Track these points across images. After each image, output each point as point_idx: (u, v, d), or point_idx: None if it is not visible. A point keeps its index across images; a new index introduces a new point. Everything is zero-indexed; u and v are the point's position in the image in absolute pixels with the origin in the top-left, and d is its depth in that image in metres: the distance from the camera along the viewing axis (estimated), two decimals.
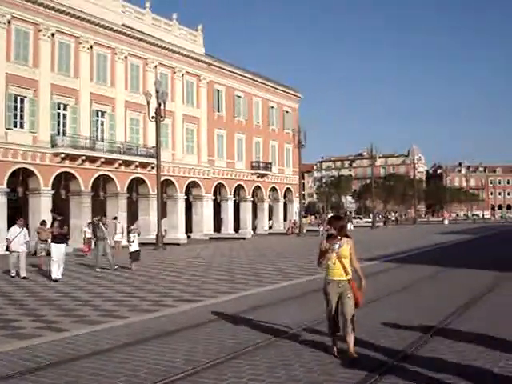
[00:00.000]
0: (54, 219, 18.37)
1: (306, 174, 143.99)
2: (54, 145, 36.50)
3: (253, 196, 58.44)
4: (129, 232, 21.44)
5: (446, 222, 76.74)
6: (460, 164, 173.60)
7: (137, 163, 42.11)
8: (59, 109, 37.72)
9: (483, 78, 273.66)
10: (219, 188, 53.40)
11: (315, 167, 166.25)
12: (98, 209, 38.19)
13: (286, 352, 7.78)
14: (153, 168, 40.07)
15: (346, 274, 7.19)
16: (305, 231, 48.83)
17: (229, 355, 7.61)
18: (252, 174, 57.28)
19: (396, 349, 7.78)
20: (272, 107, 61.86)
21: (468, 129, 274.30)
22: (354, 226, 60.33)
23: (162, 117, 31.96)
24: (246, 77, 56.93)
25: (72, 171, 37.68)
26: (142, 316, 10.95)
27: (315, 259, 7.80)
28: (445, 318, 9.93)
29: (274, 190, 61.64)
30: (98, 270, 20.10)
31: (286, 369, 6.89)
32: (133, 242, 20.37)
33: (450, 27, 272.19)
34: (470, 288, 13.85)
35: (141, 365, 7.23)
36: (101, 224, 21.23)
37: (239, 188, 56.16)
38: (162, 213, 36.34)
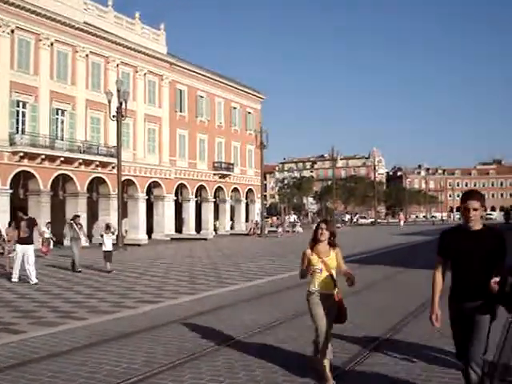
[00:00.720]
0: (20, 219, 17.46)
1: (267, 175, 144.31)
2: (12, 143, 35.85)
3: (214, 196, 58.37)
4: (107, 228, 20.74)
5: (402, 223, 77.93)
6: (419, 166, 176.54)
7: (97, 162, 41.64)
8: (18, 106, 37.08)
9: (442, 82, 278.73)
10: (181, 188, 53.18)
11: (277, 168, 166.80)
12: (58, 209, 37.69)
13: (246, 353, 7.82)
14: (113, 168, 39.69)
15: (335, 286, 6.41)
16: (266, 232, 49.01)
17: (188, 356, 7.63)
18: (214, 174, 57.22)
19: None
20: (234, 108, 61.87)
21: (428, 132, 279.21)
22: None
23: (123, 116, 31.66)
24: (208, 77, 56.83)
25: (31, 170, 37.07)
26: (102, 317, 10.86)
27: (272, 259, 7.77)
28: (402, 319, 10.10)
29: (235, 190, 61.68)
30: (79, 269, 19.47)
31: (246, 369, 6.94)
32: (102, 237, 19.78)
33: (410, 29, 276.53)
34: (427, 289, 14.06)
35: (99, 367, 7.19)
36: (74, 224, 20.53)
37: (201, 188, 56.02)
38: (123, 213, 36.00)
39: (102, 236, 20.19)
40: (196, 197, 55.21)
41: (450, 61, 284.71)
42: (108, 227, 20.69)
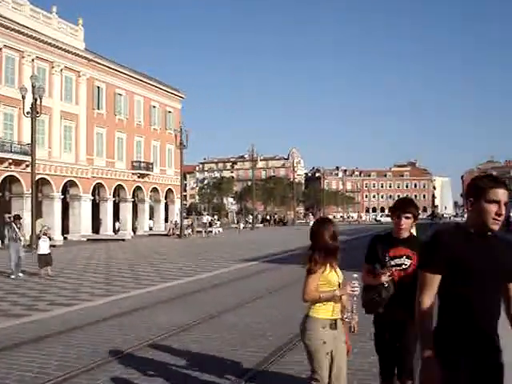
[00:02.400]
0: None
1: (188, 175, 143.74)
2: None
3: (133, 196, 57.50)
4: (44, 234, 19.44)
5: (312, 223, 79.62)
6: (337, 168, 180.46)
7: (10, 160, 40.13)
8: None
9: (360, 85, 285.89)
10: (98, 188, 52.06)
11: (197, 168, 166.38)
12: None
13: (162, 354, 7.76)
14: (27, 166, 38.33)
15: (342, 309, 4.76)
16: (186, 233, 48.71)
17: (103, 359, 7.50)
18: (133, 173, 56.35)
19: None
20: (154, 106, 61.19)
21: (346, 134, 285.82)
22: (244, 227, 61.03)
23: (38, 113, 30.75)
24: (127, 74, 55.94)
25: None
26: (13, 321, 10.49)
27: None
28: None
29: (155, 190, 60.97)
30: (13, 276, 17.77)
31: (162, 371, 6.89)
32: (41, 240, 18.60)
33: (335, 30, 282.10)
34: None
35: (10, 372, 6.96)
36: (14, 224, 19.03)
37: (119, 188, 55.03)
38: (38, 213, 34.92)
39: (38, 238, 19.07)
40: (114, 197, 54.20)
41: (370, 62, 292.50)
42: (45, 233, 19.33)
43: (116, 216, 54.68)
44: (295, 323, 9.62)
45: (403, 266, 4.59)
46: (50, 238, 19.96)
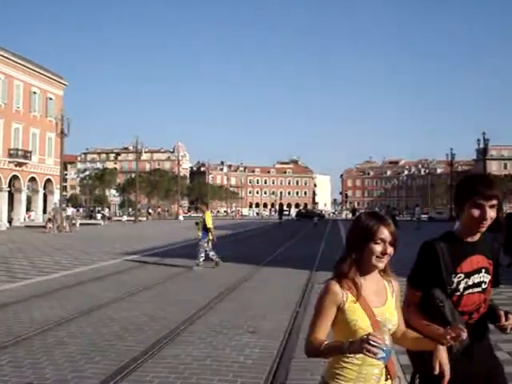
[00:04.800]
0: None
1: (69, 165, 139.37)
2: None
3: (9, 186, 54.98)
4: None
5: (181, 217, 80.00)
6: (222, 163, 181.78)
7: None
8: None
9: (251, 79, 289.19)
10: None
11: (79, 158, 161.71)
12: None
13: (35, 351, 7.51)
14: None
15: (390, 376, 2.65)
16: (65, 224, 47.04)
17: None
18: (9, 162, 53.87)
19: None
20: (34, 92, 58.76)
21: (230, 131, 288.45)
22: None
23: None
24: (5, 57, 53.33)
25: None
26: None
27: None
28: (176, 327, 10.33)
29: (33, 180, 58.65)
30: None
31: (34, 368, 6.68)
32: None
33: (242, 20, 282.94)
34: (219, 285, 14.51)
35: None
36: None
37: None
38: None
39: None
40: None
41: (257, 56, 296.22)
42: None
43: None
44: (173, 318, 9.69)
45: (483, 286, 2.95)
46: None
